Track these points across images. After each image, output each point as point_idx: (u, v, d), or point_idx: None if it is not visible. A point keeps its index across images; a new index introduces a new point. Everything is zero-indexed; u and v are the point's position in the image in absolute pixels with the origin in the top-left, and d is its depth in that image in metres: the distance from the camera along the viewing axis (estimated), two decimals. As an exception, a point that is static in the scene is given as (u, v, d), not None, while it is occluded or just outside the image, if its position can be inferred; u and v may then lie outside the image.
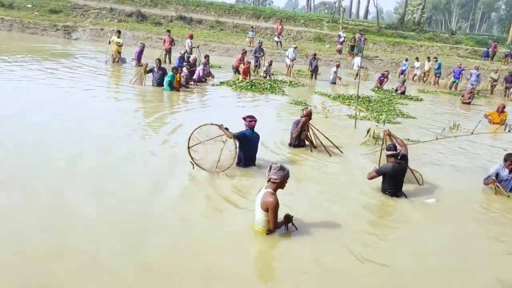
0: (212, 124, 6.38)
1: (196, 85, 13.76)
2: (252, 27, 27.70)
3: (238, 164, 6.58)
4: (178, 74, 12.44)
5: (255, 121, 6.64)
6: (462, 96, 17.34)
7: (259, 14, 35.62)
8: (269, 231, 4.58)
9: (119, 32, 16.64)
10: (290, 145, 8.12)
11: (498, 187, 6.59)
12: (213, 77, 15.09)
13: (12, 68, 12.89)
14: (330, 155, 7.69)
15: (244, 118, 6.68)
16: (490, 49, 30.90)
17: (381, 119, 10.35)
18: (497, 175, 6.63)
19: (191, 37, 19.20)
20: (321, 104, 11.70)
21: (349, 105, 12.68)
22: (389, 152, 6.05)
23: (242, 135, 6.48)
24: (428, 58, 23.09)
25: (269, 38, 30.62)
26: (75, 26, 24.69)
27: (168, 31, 18.88)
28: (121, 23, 28.49)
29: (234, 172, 6.37)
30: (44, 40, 22.27)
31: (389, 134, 6.79)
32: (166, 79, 12.14)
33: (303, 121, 7.99)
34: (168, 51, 18.23)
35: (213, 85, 14.27)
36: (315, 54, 19.26)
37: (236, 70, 17.59)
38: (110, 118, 9.03)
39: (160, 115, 9.52)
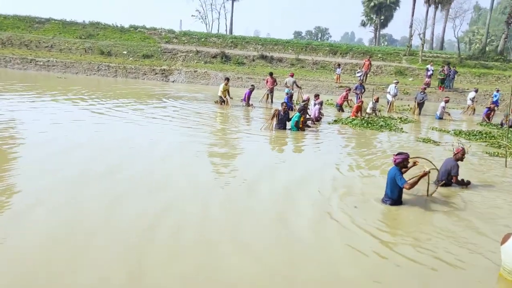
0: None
1: (314, 123, 13.90)
2: (339, 64, 27.92)
3: None
4: (303, 115, 12.68)
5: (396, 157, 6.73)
6: None
7: (336, 50, 35.96)
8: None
9: (227, 79, 17.20)
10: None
11: None
12: (323, 115, 15.22)
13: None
14: None
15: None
16: None
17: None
18: None
19: (292, 75, 19.61)
20: (457, 141, 11.40)
21: (490, 141, 12.26)
22: None
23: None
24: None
25: (350, 73, 30.78)
26: (171, 69, 26.16)
27: (271, 73, 19.42)
28: (207, 64, 29.89)
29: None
30: (144, 82, 23.80)
31: None
32: (294, 119, 12.39)
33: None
34: (271, 91, 18.72)
35: (329, 123, 14.39)
36: (424, 88, 19.01)
37: (340, 107, 17.68)
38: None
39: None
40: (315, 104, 14.90)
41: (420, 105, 18.74)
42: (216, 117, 14.67)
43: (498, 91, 23.61)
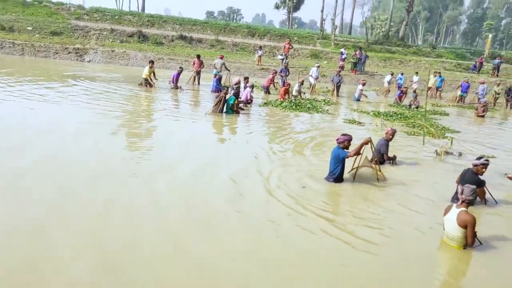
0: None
1: (246, 106, 14.15)
2: (260, 46, 28.35)
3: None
4: (237, 98, 12.86)
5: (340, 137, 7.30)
6: (476, 109, 18.48)
7: (254, 32, 36.39)
8: (466, 246, 5.13)
9: (151, 62, 16.65)
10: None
11: None
12: (253, 98, 15.52)
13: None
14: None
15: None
16: (477, 62, 32.76)
17: (448, 137, 11.14)
18: None
19: (222, 57, 19.56)
20: (380, 122, 12.40)
21: (412, 123, 13.41)
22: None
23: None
24: (435, 73, 24.34)
25: (269, 55, 31.44)
26: (85, 48, 24.59)
27: (198, 55, 19.18)
28: (123, 43, 28.58)
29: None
30: (57, 62, 22.18)
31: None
32: (229, 102, 12.51)
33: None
34: (198, 73, 18.55)
35: (259, 105, 14.76)
36: (339, 71, 20.11)
37: (267, 90, 18.13)
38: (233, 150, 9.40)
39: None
40: (245, 87, 15.13)
41: (338, 87, 19.89)
42: (143, 99, 14.31)
43: (402, 74, 25.76)
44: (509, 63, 36.91)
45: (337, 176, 7.17)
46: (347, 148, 7.26)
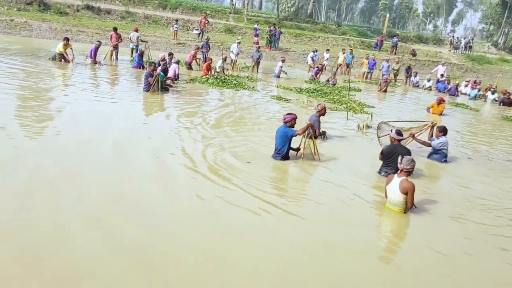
0: None
1: (174, 82, 13.95)
2: (177, 20, 27.55)
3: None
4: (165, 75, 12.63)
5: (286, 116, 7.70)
6: (380, 85, 20.19)
7: (165, 5, 35.14)
8: (407, 210, 5.88)
9: (67, 39, 15.40)
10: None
11: None
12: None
13: None
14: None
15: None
16: (378, 40, 35.33)
17: (368, 113, 12.16)
18: None
19: (136, 30, 18.78)
20: (306, 98, 13.07)
21: (335, 99, 14.20)
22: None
23: None
24: (343, 50, 25.81)
25: (183, 29, 30.74)
26: (-22, 16, 21.97)
27: (115, 28, 18.21)
28: (21, 12, 25.97)
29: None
30: (11, 38, 19.65)
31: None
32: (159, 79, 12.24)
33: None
34: (115, 48, 17.68)
35: (186, 82, 14.64)
36: (259, 47, 20.47)
37: (189, 65, 17.93)
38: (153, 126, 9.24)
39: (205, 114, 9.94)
40: (169, 63, 14.86)
41: (258, 63, 20.33)
42: (59, 76, 13.42)
43: (316, 51, 26.95)
44: (402, 42, 40.36)
45: (284, 154, 7.56)
46: (293, 127, 7.67)
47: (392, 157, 7.21)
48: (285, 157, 7.60)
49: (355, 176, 7.32)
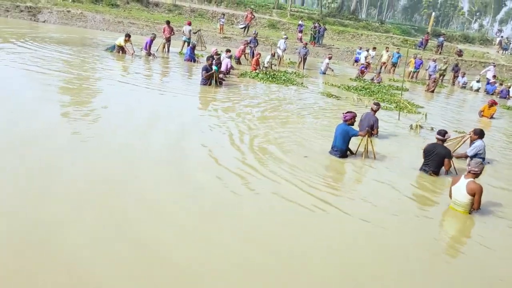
0: None
1: (225, 76, 14.29)
2: (224, 14, 27.99)
3: None
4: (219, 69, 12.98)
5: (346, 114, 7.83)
6: (428, 85, 19.91)
7: (210, -1, 35.71)
8: (472, 211, 5.97)
9: (128, 36, 15.95)
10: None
11: None
12: (233, 68, 15.62)
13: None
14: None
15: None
16: (424, 39, 34.62)
17: (420, 113, 12.12)
18: None
19: (189, 24, 19.30)
20: (358, 97, 13.14)
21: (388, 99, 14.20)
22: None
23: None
24: (387, 48, 25.55)
25: (227, 24, 31.12)
26: (39, 7, 23.02)
27: (168, 21, 18.77)
28: (75, 3, 26.97)
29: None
30: (8, 21, 20.70)
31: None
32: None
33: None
34: (168, 40, 18.23)
35: (238, 77, 14.97)
36: (306, 43, 20.59)
37: (238, 60, 18.26)
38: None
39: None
40: (223, 58, 15.23)
41: (304, 59, 20.46)
42: (117, 67, 14.03)
43: (360, 48, 26.78)
44: (447, 41, 39.37)
45: (344, 152, 7.74)
46: (353, 125, 7.84)
47: (431, 156, 7.39)
48: (344, 155, 7.77)
49: (411, 176, 7.40)
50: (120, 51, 15.71)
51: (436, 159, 7.38)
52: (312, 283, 3.92)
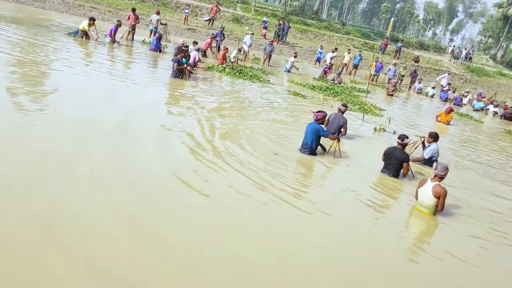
0: None
1: (193, 69, 14.11)
2: (188, 5, 27.55)
3: None
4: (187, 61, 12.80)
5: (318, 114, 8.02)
6: (387, 88, 20.59)
7: (175, -12, 34.97)
8: (436, 213, 6.25)
9: (92, 20, 15.50)
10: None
11: None
12: (200, 61, 15.44)
13: None
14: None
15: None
16: (383, 44, 35.70)
17: (387, 117, 12.51)
18: None
19: (158, 13, 18.86)
20: (324, 97, 13.37)
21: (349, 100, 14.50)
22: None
23: None
24: (349, 50, 26.14)
25: (191, 15, 30.69)
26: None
27: (134, 9, 18.24)
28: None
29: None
30: (23, 8, 19.42)
31: None
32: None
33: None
34: (133, 28, 17.73)
35: (205, 70, 14.81)
36: (272, 41, 20.66)
37: (204, 53, 18.06)
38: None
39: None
40: (191, 50, 15.01)
41: (269, 56, 20.56)
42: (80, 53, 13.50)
43: (322, 48, 27.24)
44: (404, 47, 40.82)
45: (313, 150, 7.87)
46: (323, 124, 8.02)
47: (390, 159, 7.66)
48: (313, 152, 7.91)
49: (376, 176, 7.64)
50: (84, 36, 15.12)
51: (395, 163, 7.61)
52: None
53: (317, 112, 8.05)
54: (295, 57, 19.95)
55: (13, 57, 10.37)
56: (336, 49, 26.84)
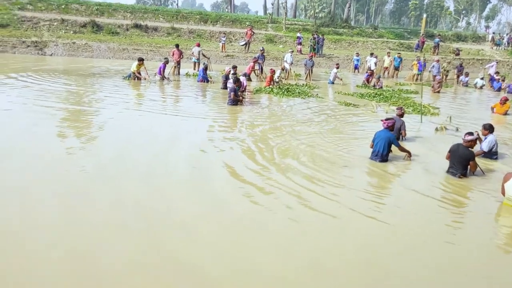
0: None
1: (244, 95, 14.49)
2: (224, 33, 28.45)
3: None
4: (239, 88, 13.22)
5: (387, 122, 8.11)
6: (432, 86, 20.21)
7: (206, 19, 36.22)
8: (526, 206, 6.15)
9: (141, 60, 16.33)
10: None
11: None
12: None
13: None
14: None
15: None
16: (420, 42, 35.14)
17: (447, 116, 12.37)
18: None
19: (198, 45, 19.66)
20: (376, 104, 13.39)
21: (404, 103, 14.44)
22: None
23: None
24: (388, 53, 25.95)
25: (226, 41, 31.58)
26: (44, 41, 23.35)
27: (177, 44, 19.09)
28: (77, 34, 27.41)
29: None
30: (15, 57, 20.94)
31: None
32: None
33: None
34: (178, 63, 18.53)
35: (253, 93, 15.21)
36: (311, 56, 20.94)
37: (248, 77, 18.50)
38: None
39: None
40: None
41: (311, 71, 20.78)
42: (133, 96, 14.23)
43: (358, 55, 27.18)
44: (441, 41, 39.98)
45: (385, 157, 7.94)
46: (392, 130, 8.10)
47: (455, 157, 7.46)
48: (384, 159, 7.97)
49: (451, 178, 7.56)
50: (136, 78, 15.96)
51: (460, 161, 7.38)
52: None
53: (386, 120, 8.14)
54: (337, 68, 20.06)
55: (68, 107, 11.15)
56: (371, 53, 26.78)
